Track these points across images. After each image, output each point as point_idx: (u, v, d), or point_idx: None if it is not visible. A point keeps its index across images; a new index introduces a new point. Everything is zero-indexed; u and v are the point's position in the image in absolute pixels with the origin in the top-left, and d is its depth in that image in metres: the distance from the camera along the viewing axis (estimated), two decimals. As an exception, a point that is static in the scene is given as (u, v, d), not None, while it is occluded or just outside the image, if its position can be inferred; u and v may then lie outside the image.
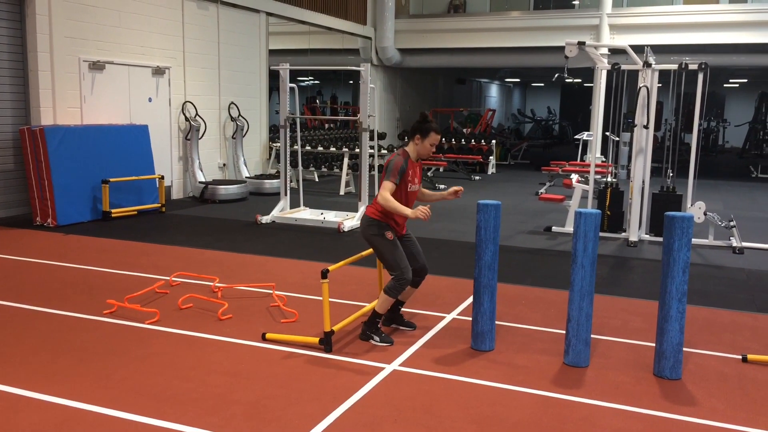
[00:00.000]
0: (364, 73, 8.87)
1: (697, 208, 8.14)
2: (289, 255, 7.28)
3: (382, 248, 4.50)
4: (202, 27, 11.81)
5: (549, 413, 3.59)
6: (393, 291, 4.47)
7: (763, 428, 3.47)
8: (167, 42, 11.07)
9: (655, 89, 8.26)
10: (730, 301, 5.86)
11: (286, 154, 9.41)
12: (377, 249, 4.53)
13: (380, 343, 4.55)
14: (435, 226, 9.37)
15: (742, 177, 17.60)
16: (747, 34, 14.95)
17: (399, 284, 4.45)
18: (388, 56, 17.78)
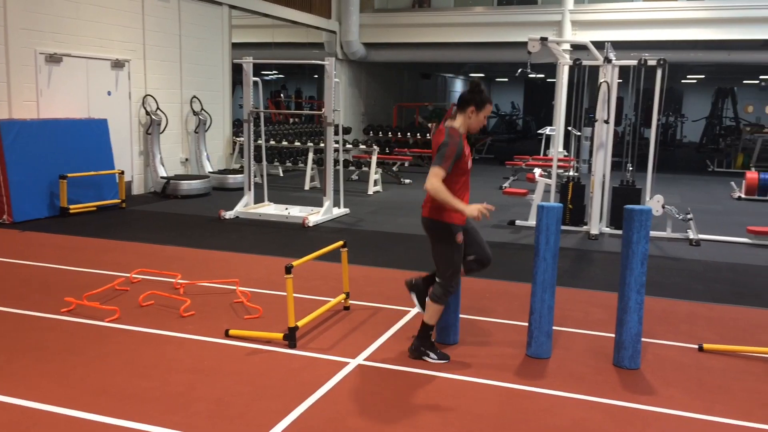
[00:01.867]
0: (328, 68, 8.83)
1: (655, 202, 8.31)
2: (253, 250, 7.22)
3: (444, 249, 4.09)
4: (163, 19, 11.61)
5: (512, 405, 3.63)
6: (442, 298, 4.14)
7: (718, 415, 3.57)
8: (127, 34, 10.85)
9: (615, 85, 8.40)
10: (687, 292, 6.00)
11: (250, 149, 9.32)
12: (439, 248, 4.12)
13: (437, 360, 4.16)
14: (400, 220, 9.39)
15: (699, 171, 18.03)
16: (704, 31, 15.29)
17: (446, 291, 4.13)
18: (353, 50, 17.73)
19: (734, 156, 18.83)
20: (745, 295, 5.95)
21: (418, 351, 4.22)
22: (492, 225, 9.18)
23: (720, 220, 10.02)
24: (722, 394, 3.84)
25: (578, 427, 3.41)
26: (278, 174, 14.53)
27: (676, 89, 32.00)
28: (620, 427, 3.41)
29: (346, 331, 4.73)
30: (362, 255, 7.12)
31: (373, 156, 12.47)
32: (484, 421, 3.44)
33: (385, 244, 7.82)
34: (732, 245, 8.19)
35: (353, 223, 9.11)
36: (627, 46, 15.14)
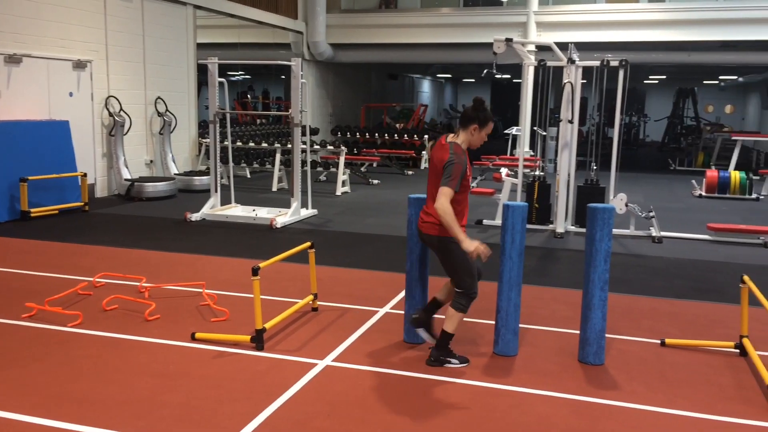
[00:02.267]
0: (295, 68, 8.79)
1: (619, 200, 8.45)
2: (219, 253, 7.15)
3: (457, 261, 4.07)
4: (126, 19, 11.43)
5: (479, 402, 3.67)
6: (466, 307, 4.13)
7: (680, 409, 3.65)
8: (89, 35, 10.66)
9: (578, 85, 8.52)
10: (650, 289, 6.12)
11: (216, 150, 9.24)
12: (450, 258, 4.08)
13: (460, 365, 4.17)
14: (368, 221, 9.40)
15: (661, 169, 18.39)
16: (665, 33, 15.60)
17: (468, 299, 4.13)
18: (320, 51, 17.68)
19: (695, 155, 19.26)
20: (705, 291, 6.09)
21: (438, 360, 4.19)
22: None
23: (681, 217, 10.23)
24: (684, 387, 3.93)
25: (544, 422, 3.45)
26: (245, 175, 14.42)
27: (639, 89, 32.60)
28: (585, 422, 3.46)
29: (314, 332, 4.71)
30: (330, 256, 7.11)
31: (341, 157, 12.45)
32: (452, 419, 3.46)
33: (353, 244, 7.82)
34: (693, 242, 8.37)
35: (321, 224, 9.09)
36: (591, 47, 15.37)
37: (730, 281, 6.40)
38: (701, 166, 17.99)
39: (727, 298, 5.79)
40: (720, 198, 12.59)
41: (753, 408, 3.67)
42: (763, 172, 13.81)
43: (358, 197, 11.82)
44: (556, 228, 8.74)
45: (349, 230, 8.67)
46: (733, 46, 16.73)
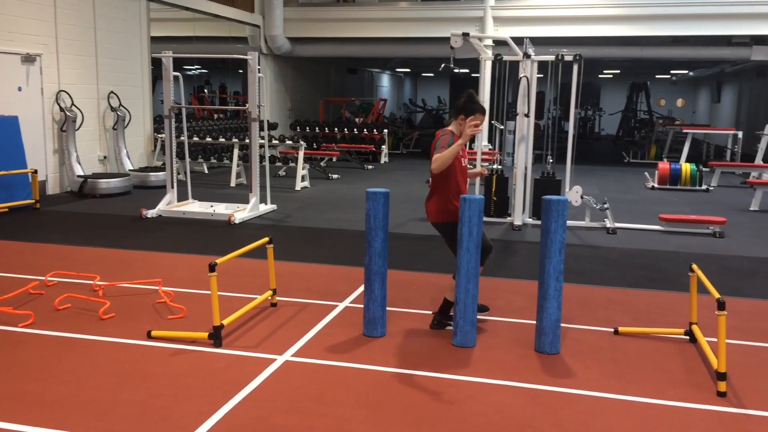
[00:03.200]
0: (251, 62, 8.70)
1: (574, 192, 8.61)
2: (176, 249, 7.05)
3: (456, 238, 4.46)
4: (77, 12, 11.14)
5: (437, 394, 3.70)
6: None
7: (633, 395, 3.74)
8: (37, 27, 10.36)
9: (534, 79, 8.64)
10: (604, 278, 6.25)
11: (171, 145, 9.09)
12: (453, 237, 4.54)
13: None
14: (327, 215, 9.38)
15: (616, 162, 18.79)
16: (618, 28, 15.91)
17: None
18: (278, 45, 17.53)
19: (648, 148, 19.72)
20: (657, 280, 6.25)
21: (440, 324, 4.74)
22: (419, 218, 9.29)
23: (635, 208, 10.48)
24: (636, 374, 4.03)
25: (501, 411, 3.51)
26: (203, 171, 14.22)
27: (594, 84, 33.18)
28: (541, 410, 3.53)
29: (273, 327, 4.69)
30: (290, 251, 7.07)
31: (300, 151, 12.38)
32: (411, 412, 3.49)
33: (313, 239, 7.79)
34: (645, 233, 8.58)
35: (280, 219, 9.03)
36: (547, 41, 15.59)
37: (680, 270, 6.58)
38: (654, 159, 18.44)
39: (678, 287, 5.95)
40: (672, 189, 12.93)
41: (701, 392, 3.79)
42: (712, 164, 14.22)
43: (318, 192, 11.78)
44: (513, 220, 8.85)
45: (309, 225, 8.64)
46: (683, 41, 17.17)
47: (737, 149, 16.98)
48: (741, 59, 17.30)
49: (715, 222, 8.47)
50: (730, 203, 11.30)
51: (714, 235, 8.39)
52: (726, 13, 15.27)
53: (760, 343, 4.61)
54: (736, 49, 16.73)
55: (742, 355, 4.38)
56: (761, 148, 14.98)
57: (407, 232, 8.29)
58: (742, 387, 3.87)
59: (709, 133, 20.35)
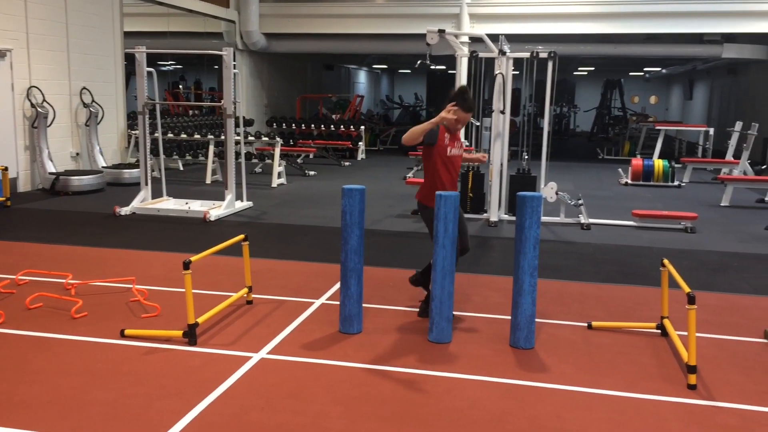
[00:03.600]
0: (226, 58, 8.63)
1: (549, 189, 8.68)
2: (150, 247, 6.98)
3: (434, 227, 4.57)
4: (48, 6, 10.95)
5: (413, 389, 3.71)
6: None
7: (605, 388, 3.79)
8: (7, 22, 10.16)
9: (510, 76, 8.68)
10: (578, 274, 6.32)
11: (145, 142, 8.99)
12: (431, 227, 4.67)
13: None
14: (304, 212, 9.35)
15: (590, 158, 18.98)
16: (592, 25, 16.05)
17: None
18: (254, 41, 17.40)
19: (622, 144, 19.94)
20: (630, 275, 6.33)
21: (426, 312, 4.83)
22: (396, 215, 9.30)
23: (609, 204, 10.59)
24: (609, 368, 4.08)
25: (476, 406, 3.53)
26: (178, 168, 14.09)
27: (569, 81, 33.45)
28: (516, 404, 3.56)
29: (248, 325, 4.67)
30: (266, 248, 7.04)
31: (277, 148, 12.32)
32: (386, 407, 3.49)
33: (289, 236, 7.76)
34: (619, 228, 8.68)
35: (257, 216, 8.98)
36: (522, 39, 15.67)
37: (653, 265, 6.67)
38: (627, 155, 18.65)
39: (650, 281, 6.03)
40: (645, 185, 13.09)
41: (672, 385, 3.85)
42: (684, 161, 14.43)
43: (295, 189, 11.73)
44: (489, 217, 8.90)
45: (285, 222, 8.61)
46: (656, 38, 17.38)
47: (708, 146, 17.25)
48: (712, 57, 17.56)
49: (686, 217, 8.60)
50: (702, 199, 11.48)
51: (686, 230, 8.52)
52: (698, 11, 15.49)
53: (730, 336, 4.70)
54: (707, 46, 16.97)
55: (712, 348, 4.45)
56: (732, 145, 15.24)
57: (384, 229, 8.30)
58: (712, 380, 3.94)
59: (681, 130, 20.64)
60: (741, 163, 13.52)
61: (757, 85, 19.59)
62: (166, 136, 13.25)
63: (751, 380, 3.94)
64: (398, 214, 9.41)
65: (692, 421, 3.42)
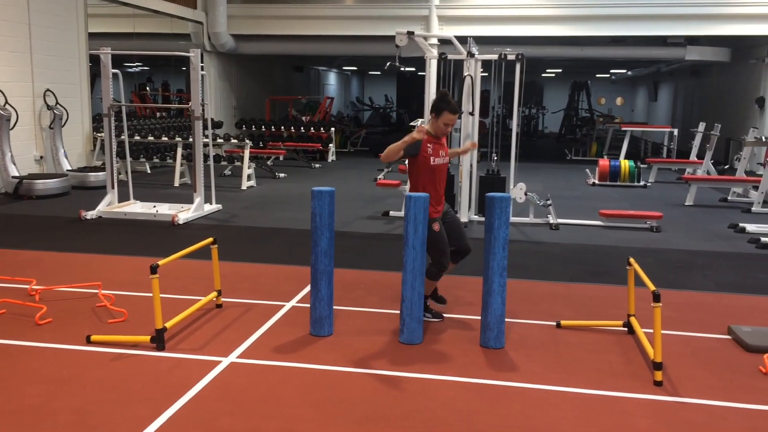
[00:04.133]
0: (194, 60, 8.55)
1: (518, 189, 8.76)
2: (117, 251, 6.87)
3: (430, 236, 4.56)
4: (9, 6, 10.72)
5: (384, 391, 3.72)
6: (434, 276, 4.74)
7: (574, 387, 3.84)
8: (-34, 22, 9.94)
9: (478, 78, 8.75)
10: (547, 273, 6.39)
11: (111, 145, 8.86)
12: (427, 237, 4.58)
13: (432, 319, 4.85)
14: (275, 215, 9.30)
15: (558, 159, 19.20)
16: (560, 28, 16.26)
17: (438, 270, 4.72)
18: (222, 42, 17.25)
19: (589, 145, 20.23)
20: (597, 274, 6.42)
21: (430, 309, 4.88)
22: (366, 217, 9.30)
23: (577, 204, 10.73)
24: (577, 366, 4.14)
25: (447, 406, 3.54)
26: (145, 171, 13.89)
27: (538, 83, 33.85)
28: (486, 404, 3.58)
29: (218, 329, 4.62)
30: (235, 251, 6.98)
31: (246, 150, 12.23)
32: (358, 409, 3.49)
33: (259, 239, 7.71)
34: (587, 228, 8.80)
35: (226, 219, 8.91)
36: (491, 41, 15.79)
37: (620, 264, 6.76)
38: (594, 156, 18.91)
39: (617, 280, 6.12)
40: (611, 186, 13.29)
41: (639, 382, 3.91)
42: (650, 161, 14.69)
43: (264, 191, 11.66)
44: (460, 218, 8.94)
45: (255, 225, 8.55)
46: (622, 41, 17.67)
47: (673, 146, 17.59)
48: (676, 59, 17.92)
49: (652, 217, 8.75)
50: (667, 198, 11.70)
51: (651, 229, 8.67)
52: (661, 14, 15.79)
53: (694, 333, 4.79)
54: (671, 49, 17.32)
55: (677, 344, 4.54)
56: (695, 146, 15.55)
57: (355, 231, 8.29)
58: (677, 376, 4.01)
59: (646, 131, 21.01)
60: (704, 163, 13.81)
61: (719, 86, 20.04)
62: (133, 138, 13.06)
63: (715, 376, 4.03)
64: (369, 215, 9.41)
65: (658, 417, 3.48)
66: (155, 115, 17.28)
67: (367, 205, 10.28)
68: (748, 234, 8.46)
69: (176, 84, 26.02)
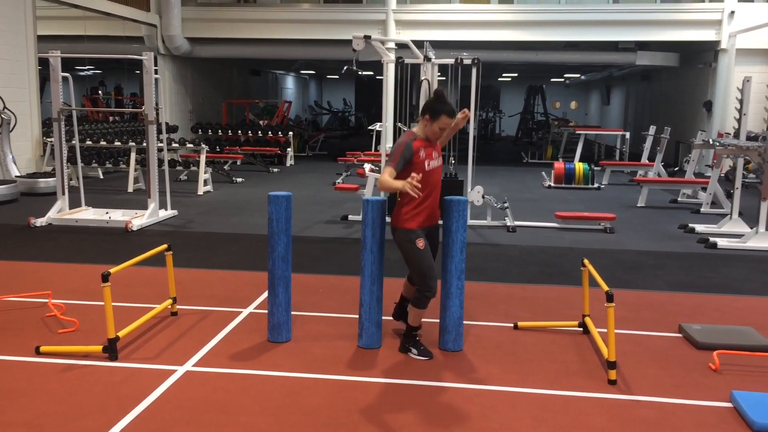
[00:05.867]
0: (147, 63, 8.39)
1: (476, 192, 8.84)
2: (68, 259, 6.70)
3: (410, 255, 4.21)
4: (-48, 7, 10.38)
5: (343, 396, 3.70)
6: (421, 303, 4.25)
7: (531, 387, 3.88)
8: None
9: (435, 82, 8.81)
10: (505, 275, 6.46)
11: (61, 150, 8.63)
12: (405, 255, 4.25)
13: (418, 356, 4.29)
14: (231, 220, 9.18)
15: (515, 162, 19.46)
16: (514, 33, 16.51)
17: (425, 296, 4.21)
18: (176, 45, 17.00)
19: (545, 148, 20.55)
20: (553, 275, 6.52)
21: (403, 347, 4.38)
22: (325, 221, 9.26)
23: (533, 207, 10.89)
24: (534, 366, 4.18)
25: (407, 410, 3.54)
26: (98, 176, 13.58)
27: (494, 87, 34.26)
28: (445, 406, 3.59)
29: (173, 337, 4.54)
30: (191, 258, 6.87)
31: (202, 155, 12.06)
32: (316, 416, 3.46)
33: (216, 245, 7.61)
34: (543, 230, 8.93)
35: (182, 225, 8.76)
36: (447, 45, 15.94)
37: (575, 265, 6.88)
38: (550, 159, 19.23)
39: (573, 281, 6.23)
40: (567, 188, 13.53)
41: (594, 381, 3.98)
42: (603, 163, 14.99)
43: (221, 196, 11.51)
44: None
45: (211, 230, 8.43)
46: (575, 46, 18.03)
47: (625, 149, 17.99)
48: (627, 63, 18.35)
49: (605, 218, 8.93)
50: (620, 200, 11.96)
51: (605, 230, 8.84)
52: (612, 20, 16.18)
53: (647, 331, 4.90)
54: (622, 54, 17.73)
55: (630, 343, 4.63)
56: (646, 148, 15.94)
57: (313, 235, 8.25)
58: (630, 374, 4.09)
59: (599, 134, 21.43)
60: (655, 166, 14.16)
61: (668, 90, 20.59)
62: (85, 143, 12.76)
63: (667, 373, 4.12)
64: (328, 220, 9.38)
65: (613, 415, 3.55)
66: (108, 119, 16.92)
67: (326, 210, 10.24)
68: (698, 234, 8.70)
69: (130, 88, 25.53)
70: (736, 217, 8.73)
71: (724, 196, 10.47)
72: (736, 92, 9.54)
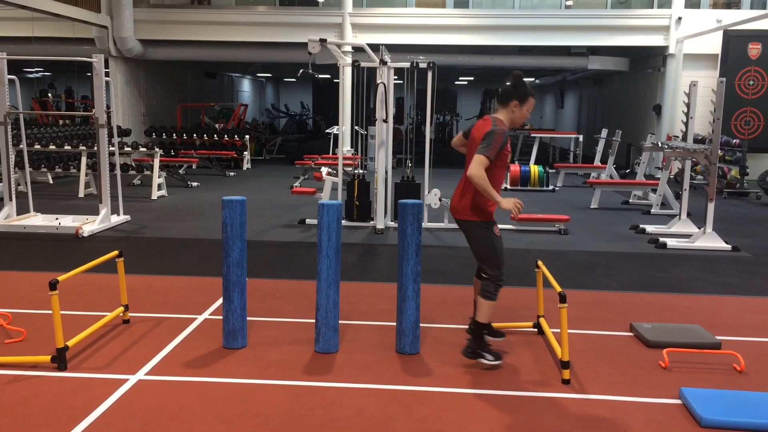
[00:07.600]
0: (97, 65, 8.21)
1: (433, 195, 8.89)
2: (15, 267, 6.50)
3: (487, 245, 4.14)
4: None
5: (299, 402, 3.67)
6: (494, 294, 4.15)
7: (486, 388, 3.91)
8: None
9: (392, 85, 8.83)
10: (462, 278, 6.50)
11: (8, 155, 8.37)
12: (481, 245, 4.17)
13: (493, 361, 4.14)
14: (186, 225, 9.04)
15: (472, 165, 19.59)
16: (469, 37, 16.68)
17: (497, 285, 4.14)
18: (128, 47, 16.66)
19: (501, 151, 20.75)
20: (509, 276, 6.49)
21: (474, 353, 4.20)
22: (283, 225, 9.19)
23: (489, 209, 10.98)
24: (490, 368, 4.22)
25: (362, 414, 3.54)
26: (47, 181, 13.22)
27: (451, 90, 34.55)
28: (401, 410, 3.60)
29: (125, 346, 4.44)
30: (144, 264, 6.74)
31: (156, 159, 11.85)
32: (271, 422, 3.43)
33: (169, 250, 7.48)
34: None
35: (135, 230, 8.59)
36: (404, 49, 16.01)
37: (531, 266, 6.97)
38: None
39: (529, 282, 6.31)
40: (522, 190, 13.71)
41: (548, 381, 4.04)
42: (558, 166, 15.25)
43: (176, 201, 11.33)
44: (376, 224, 8.99)
45: (166, 236, 8.29)
46: (529, 50, 18.31)
47: (579, 152, 18.34)
48: (579, 68, 18.72)
49: (560, 220, 9.09)
50: (574, 202, 12.18)
51: (559, 232, 9.00)
52: (565, 26, 16.49)
53: (599, 331, 5.00)
54: (574, 58, 18.09)
55: (583, 343, 4.72)
56: (599, 151, 16.29)
57: (269, 240, 8.18)
58: (584, 373, 4.17)
59: (554, 137, 21.83)
60: (608, 168, 14.47)
61: (619, 94, 21.08)
62: (33, 147, 12.40)
63: (619, 372, 4.21)
64: (285, 224, 9.31)
65: (566, 414, 3.60)
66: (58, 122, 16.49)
67: (283, 213, 10.17)
68: (648, 234, 8.93)
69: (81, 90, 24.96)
70: (685, 217, 8.99)
71: (673, 198, 10.76)
72: (684, 96, 9.82)
